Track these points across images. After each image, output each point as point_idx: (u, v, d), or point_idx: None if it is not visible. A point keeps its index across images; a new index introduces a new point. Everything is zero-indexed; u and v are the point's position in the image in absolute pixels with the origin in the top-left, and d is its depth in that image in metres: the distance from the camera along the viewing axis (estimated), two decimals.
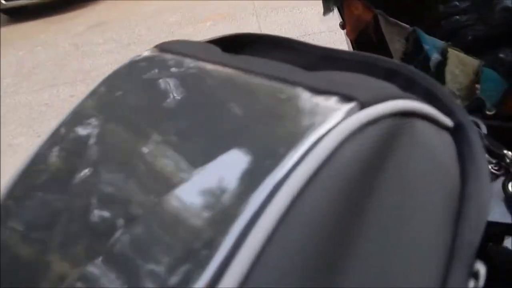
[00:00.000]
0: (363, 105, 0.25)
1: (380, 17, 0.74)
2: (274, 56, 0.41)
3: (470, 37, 0.74)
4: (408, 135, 0.26)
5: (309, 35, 3.24)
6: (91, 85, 0.36)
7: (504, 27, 0.72)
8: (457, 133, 0.31)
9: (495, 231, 0.63)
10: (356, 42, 0.86)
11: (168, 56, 0.33)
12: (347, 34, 0.76)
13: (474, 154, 0.30)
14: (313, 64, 0.39)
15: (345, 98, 0.25)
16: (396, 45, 0.73)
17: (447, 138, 0.30)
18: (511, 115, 0.76)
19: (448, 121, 0.31)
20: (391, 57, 0.77)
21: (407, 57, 0.77)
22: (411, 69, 0.34)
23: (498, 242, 0.66)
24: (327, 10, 0.73)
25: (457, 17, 0.76)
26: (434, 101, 0.32)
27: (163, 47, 0.35)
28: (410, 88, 0.34)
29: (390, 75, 0.35)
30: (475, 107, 0.79)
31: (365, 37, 0.81)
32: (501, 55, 0.72)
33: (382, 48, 0.79)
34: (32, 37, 4.47)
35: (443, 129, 0.30)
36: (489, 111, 0.75)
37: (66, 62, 3.93)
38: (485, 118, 0.79)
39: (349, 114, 0.24)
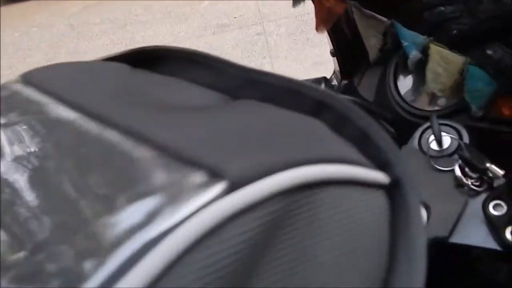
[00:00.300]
0: (233, 186, 0.18)
1: (354, 10, 0.66)
2: (192, 76, 0.34)
3: (455, 31, 0.66)
4: (310, 213, 0.20)
5: (308, 14, 3.13)
6: None
7: (493, 21, 0.64)
8: (394, 189, 0.24)
9: (477, 255, 0.57)
10: (333, 33, 0.79)
11: (26, 92, 0.27)
12: (316, 28, 0.68)
13: (409, 224, 0.23)
14: (234, 88, 0.32)
15: (213, 174, 0.18)
16: (372, 40, 0.66)
17: (377, 199, 0.24)
18: (501, 117, 0.68)
19: (381, 178, 0.24)
20: (367, 53, 0.70)
21: (384, 54, 0.69)
22: (344, 104, 0.27)
23: (482, 264, 0.60)
24: (296, 0, 0.66)
25: (442, 8, 0.68)
26: (367, 146, 0.26)
27: (28, 78, 0.28)
28: (341, 126, 0.27)
29: (319, 108, 0.28)
30: (462, 108, 0.71)
31: (340, 31, 0.73)
32: (489, 52, 0.64)
33: (358, 43, 0.72)
34: (28, 17, 4.39)
35: (373, 188, 0.24)
36: (475, 114, 0.68)
37: (61, 44, 3.86)
38: (472, 119, 0.72)
39: (214, 199, 0.17)
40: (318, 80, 0.59)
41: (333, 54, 0.85)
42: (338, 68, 0.88)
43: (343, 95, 0.81)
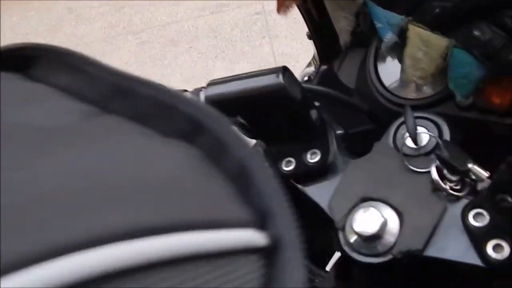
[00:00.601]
0: None
1: None
2: (62, 82, 0.27)
3: (437, 10, 0.58)
4: None
5: None
6: (84, 51, 0.26)
7: None
8: (274, 252, 0.17)
9: (457, 269, 0.49)
10: (305, 13, 0.71)
11: None
12: (278, 9, 0.60)
13: None
14: (106, 99, 0.25)
15: None
16: (341, 22, 0.58)
17: (242, 272, 0.17)
18: (490, 107, 0.60)
19: (253, 239, 0.17)
20: (337, 38, 0.62)
21: (356, 39, 0.61)
22: (223, 126, 0.20)
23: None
24: None
25: None
26: (247, 185, 0.18)
27: None
28: (219, 154, 0.20)
29: (197, 129, 0.21)
30: (449, 95, 0.63)
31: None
32: (476, 33, 0.56)
33: (327, 26, 0.64)
34: (26, 2, 4.31)
35: (239, 255, 0.17)
36: (461, 103, 0.60)
37: (59, 28, 3.80)
38: (460, 109, 0.64)
39: None
40: (276, 70, 0.52)
41: (309, 36, 0.77)
42: (316, 52, 0.80)
43: (319, 85, 0.73)
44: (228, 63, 2.88)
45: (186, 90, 0.58)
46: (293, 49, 2.74)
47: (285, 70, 0.52)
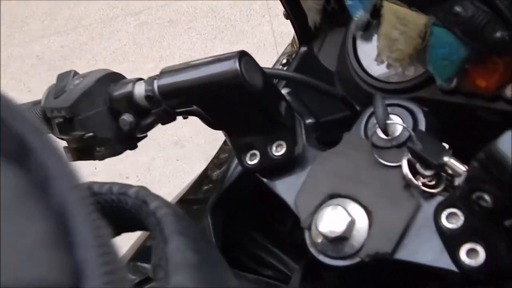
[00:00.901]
0: None
1: None
2: None
3: None
4: None
5: None
6: (83, 33, 0.22)
7: None
8: None
9: (433, 273, 0.45)
10: None
11: None
12: None
13: None
14: None
15: None
16: (309, 1, 0.52)
17: None
18: (475, 90, 0.55)
19: None
20: (305, 18, 0.56)
21: (329, 18, 0.56)
22: (51, 150, 0.15)
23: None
24: None
25: None
26: (64, 230, 0.14)
27: None
28: (44, 185, 0.15)
29: (23, 152, 0.16)
30: (431, 78, 0.58)
31: None
32: (458, 9, 0.50)
33: (296, 12, 0.58)
34: None
35: None
36: (442, 87, 0.55)
37: (57, 10, 3.75)
38: (443, 92, 0.58)
39: None
40: (232, 56, 0.47)
41: (286, 16, 0.72)
42: (295, 33, 0.75)
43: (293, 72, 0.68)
44: (227, 44, 2.81)
45: (141, 79, 0.53)
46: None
47: (242, 55, 0.47)
